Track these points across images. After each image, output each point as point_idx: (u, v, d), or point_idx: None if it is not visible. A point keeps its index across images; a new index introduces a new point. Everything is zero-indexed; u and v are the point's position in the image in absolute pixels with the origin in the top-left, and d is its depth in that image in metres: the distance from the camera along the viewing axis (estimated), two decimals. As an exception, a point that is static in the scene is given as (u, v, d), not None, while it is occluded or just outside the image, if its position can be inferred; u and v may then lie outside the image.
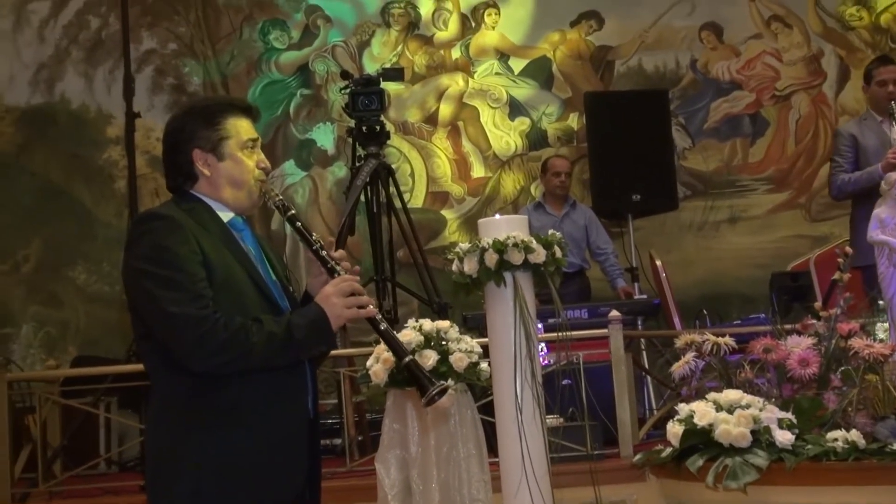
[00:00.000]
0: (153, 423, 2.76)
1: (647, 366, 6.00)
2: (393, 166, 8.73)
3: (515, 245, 3.70)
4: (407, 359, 2.86)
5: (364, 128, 5.18)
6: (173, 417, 2.64)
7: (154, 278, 2.57)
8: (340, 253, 2.84)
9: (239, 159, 2.76)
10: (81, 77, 8.76)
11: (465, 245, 3.78)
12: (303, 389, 2.78)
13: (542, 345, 5.01)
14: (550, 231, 3.85)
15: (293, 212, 2.83)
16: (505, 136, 8.93)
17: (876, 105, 5.77)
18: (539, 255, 3.72)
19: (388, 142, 5.67)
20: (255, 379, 2.63)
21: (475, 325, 5.37)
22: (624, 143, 7.52)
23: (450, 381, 3.77)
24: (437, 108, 9.00)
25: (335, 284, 2.71)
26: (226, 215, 2.78)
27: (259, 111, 2.94)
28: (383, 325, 2.82)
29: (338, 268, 2.76)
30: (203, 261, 2.61)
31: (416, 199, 8.81)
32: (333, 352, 4.45)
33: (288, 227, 7.94)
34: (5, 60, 8.69)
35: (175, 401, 2.64)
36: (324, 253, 2.78)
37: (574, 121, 8.79)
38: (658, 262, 6.95)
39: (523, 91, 8.98)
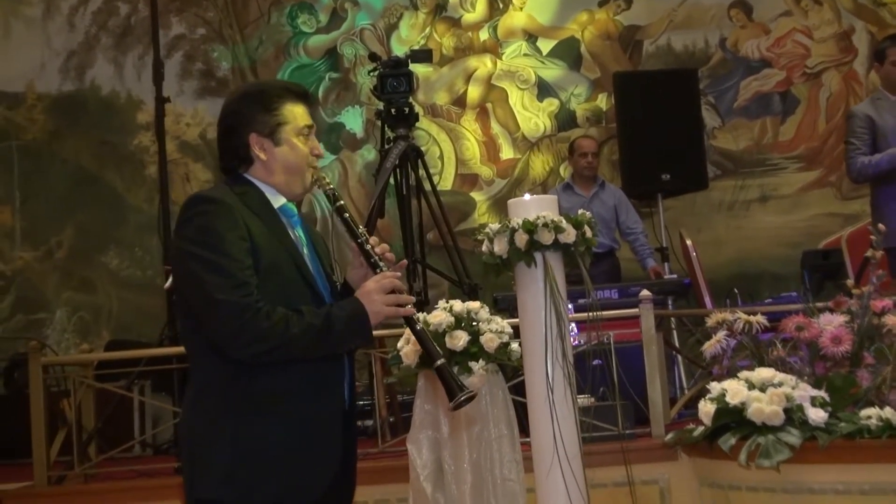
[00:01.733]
0: (190, 407, 2.74)
1: (677, 345, 5.97)
2: (422, 149, 8.82)
3: (545, 225, 3.69)
4: (439, 362, 2.83)
5: (393, 110, 5.17)
6: (210, 402, 2.64)
7: (201, 261, 2.57)
8: (384, 247, 2.82)
9: (295, 145, 2.75)
10: (111, 63, 8.81)
11: (494, 226, 3.78)
12: (340, 380, 2.77)
13: (573, 325, 5.00)
14: (580, 210, 3.84)
15: (342, 202, 2.82)
16: (534, 117, 8.92)
17: (889, 84, 5.70)
18: (569, 234, 3.70)
19: (417, 124, 5.67)
20: (293, 368, 2.62)
21: (506, 306, 5.36)
22: (653, 123, 7.48)
23: (479, 371, 3.81)
24: (466, 91, 8.99)
25: (377, 280, 2.70)
26: (277, 201, 2.77)
27: (314, 98, 2.93)
28: (419, 326, 2.82)
29: (381, 263, 2.75)
30: (250, 247, 2.60)
31: (446, 182, 8.81)
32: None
33: (323, 211, 8.05)
34: (36, 48, 8.75)
35: (213, 385, 2.65)
36: (368, 247, 2.77)
37: (603, 101, 8.76)
38: (688, 242, 6.90)
39: (552, 72, 8.96)
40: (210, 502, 2.59)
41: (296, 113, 2.78)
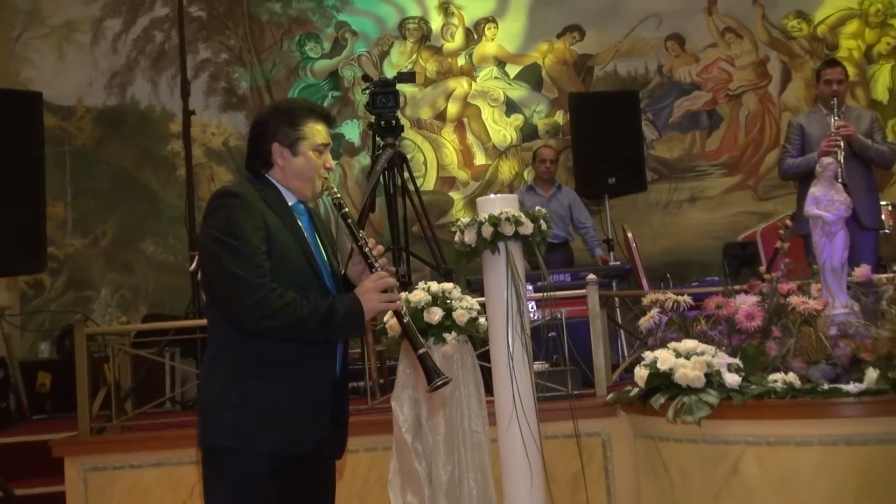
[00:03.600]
0: (206, 371, 2.72)
1: (619, 320, 5.97)
2: (408, 156, 8.77)
3: (507, 219, 3.68)
4: (421, 350, 2.81)
5: (382, 122, 5.14)
6: (223, 367, 2.64)
7: (223, 245, 2.56)
8: (379, 249, 2.80)
9: (310, 158, 2.73)
10: (148, 82, 8.75)
11: (465, 220, 3.77)
12: (333, 354, 2.76)
13: (532, 303, 4.99)
14: (537, 207, 3.84)
15: (346, 210, 2.80)
16: (502, 130, 8.89)
17: (823, 100, 5.71)
18: (527, 227, 3.70)
19: (403, 134, 5.65)
20: (295, 342, 2.62)
21: (477, 287, 5.33)
22: (602, 136, 7.50)
23: (451, 341, 3.79)
24: (446, 107, 8.95)
25: (374, 280, 2.69)
26: (291, 199, 2.76)
27: (335, 120, 2.92)
28: (406, 319, 2.81)
29: (377, 264, 2.73)
30: (266, 237, 2.59)
31: (428, 183, 8.79)
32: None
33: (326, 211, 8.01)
34: (85, 69, 8.68)
35: (226, 352, 2.64)
36: (367, 250, 2.75)
37: (560, 117, 8.73)
38: (629, 235, 6.91)
39: (517, 92, 8.93)
40: (220, 449, 2.59)
41: (315, 131, 2.75)
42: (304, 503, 2.72)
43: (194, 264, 5.45)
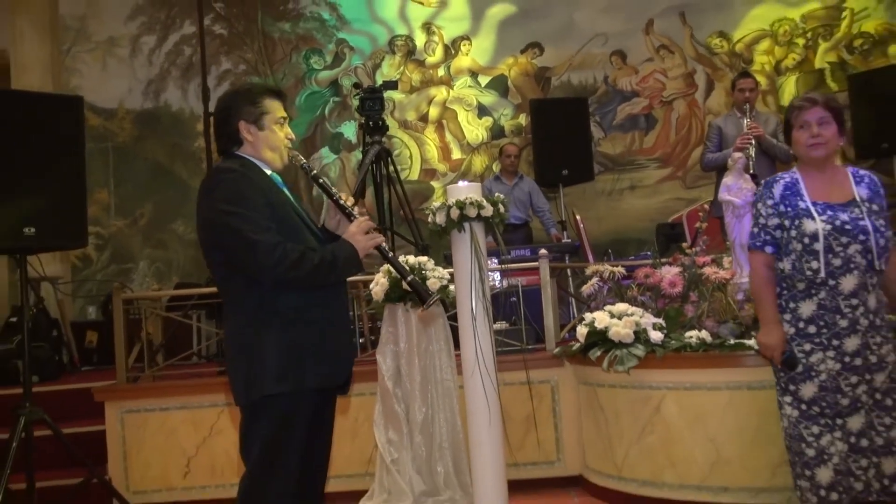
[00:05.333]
0: (233, 326, 2.51)
1: (571, 288, 5.97)
2: (396, 151, 8.77)
3: (471, 203, 3.67)
4: (409, 277, 2.76)
5: (370, 123, 5.10)
6: (250, 321, 2.44)
7: (236, 216, 2.38)
8: (351, 200, 2.67)
9: (274, 130, 2.58)
10: (178, 89, 8.66)
11: (436, 204, 3.75)
12: (345, 294, 2.68)
13: (497, 273, 4.99)
14: (497, 194, 3.83)
15: (315, 172, 2.66)
16: (475, 129, 8.84)
17: (738, 106, 5.71)
18: (488, 210, 3.68)
19: (390, 133, 5.59)
20: (312, 291, 2.49)
21: (451, 261, 5.34)
22: (557, 135, 7.45)
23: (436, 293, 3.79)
24: (428, 111, 8.89)
25: (357, 225, 2.56)
26: (266, 170, 2.58)
27: (286, 96, 2.73)
28: (390, 254, 2.71)
29: (354, 212, 2.61)
30: (266, 202, 2.44)
31: (413, 174, 8.74)
32: (350, 278, 4.44)
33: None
34: (124, 78, 8.59)
35: (248, 309, 2.45)
36: (342, 202, 2.62)
37: (523, 119, 8.69)
38: (578, 217, 6.91)
39: (488, 98, 8.88)
40: (272, 396, 2.41)
41: (274, 106, 2.60)
42: (321, 434, 2.62)
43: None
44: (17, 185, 3.87)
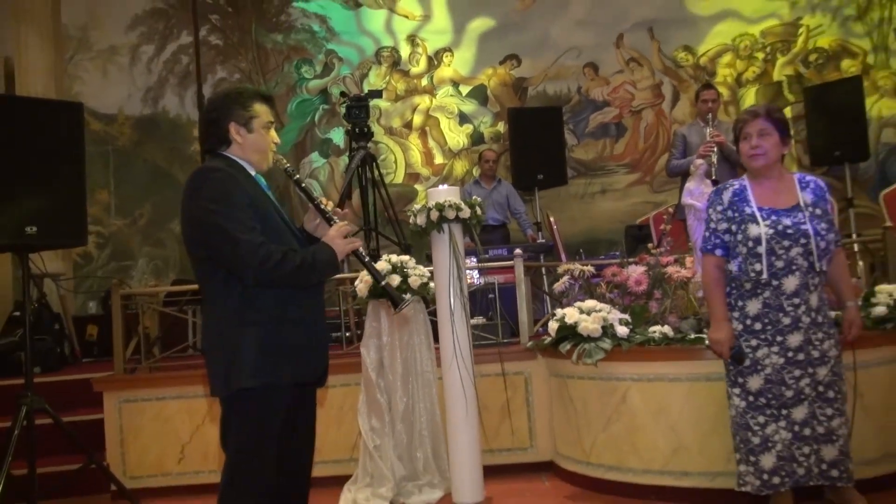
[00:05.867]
0: (213, 321, 2.46)
1: (545, 286, 5.98)
2: (381, 156, 8.75)
3: (450, 206, 3.69)
4: (383, 282, 2.77)
5: (356, 129, 5.08)
6: (230, 316, 2.40)
7: (222, 215, 2.33)
8: (330, 204, 2.63)
9: (262, 134, 2.53)
10: (176, 96, 8.59)
11: (417, 206, 3.77)
12: (321, 294, 2.64)
13: (476, 271, 5.00)
14: (475, 197, 3.85)
15: (298, 176, 2.63)
16: (456, 136, 8.85)
17: (701, 115, 5.74)
18: (465, 212, 3.70)
19: (374, 139, 5.57)
20: (290, 290, 2.45)
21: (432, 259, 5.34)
22: (533, 142, 7.46)
23: (408, 296, 3.80)
24: (412, 118, 8.89)
25: (336, 229, 2.53)
26: (251, 171, 2.53)
27: (274, 100, 2.66)
28: (367, 258, 2.70)
29: (334, 217, 2.57)
30: (250, 203, 2.40)
31: (398, 178, 8.73)
32: (337, 276, 4.42)
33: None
34: (125, 85, 8.52)
35: (228, 305, 2.40)
36: (323, 206, 2.59)
37: (501, 126, 8.70)
38: (552, 219, 6.92)
39: (468, 107, 8.88)
40: (249, 389, 2.38)
41: (263, 110, 2.55)
42: (301, 426, 2.60)
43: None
44: (20, 187, 3.84)
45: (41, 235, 3.84)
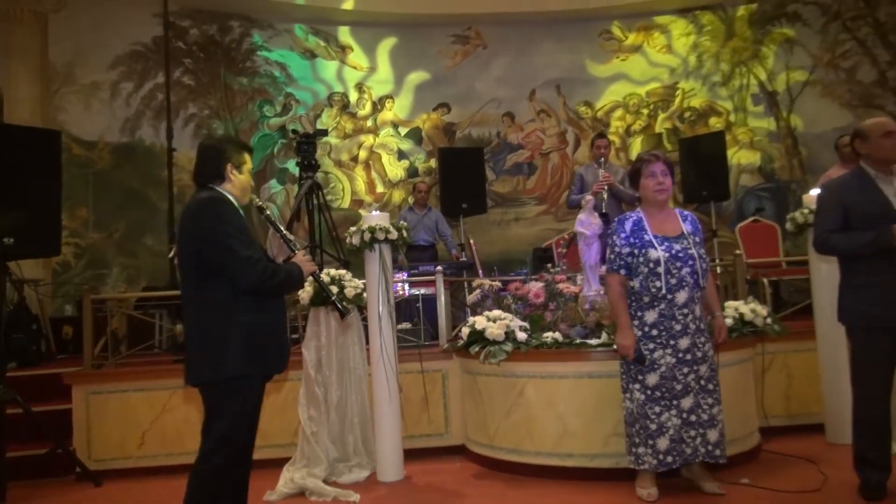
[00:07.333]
0: (202, 319, 2.46)
1: (466, 297, 5.99)
2: (330, 185, 8.71)
3: (380, 229, 3.70)
4: (333, 298, 2.94)
5: (305, 162, 5.04)
6: (220, 316, 2.43)
7: (226, 235, 2.41)
8: (293, 236, 2.75)
9: (248, 176, 2.65)
10: (151, 127, 8.34)
11: (353, 229, 3.77)
12: (283, 305, 2.69)
13: (406, 284, 5.01)
14: (401, 222, 3.87)
15: (269, 212, 2.74)
16: (395, 169, 8.89)
17: (595, 159, 5.88)
18: (393, 234, 3.72)
19: (322, 170, 5.54)
20: (264, 296, 2.50)
21: (368, 273, 5.30)
22: (459, 176, 7.54)
23: (352, 307, 3.80)
24: (358, 153, 8.89)
25: (302, 255, 2.68)
26: (236, 204, 2.60)
27: (252, 150, 2.77)
28: (321, 279, 2.87)
29: (297, 247, 2.70)
30: (243, 228, 2.49)
31: (345, 203, 8.70)
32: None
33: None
34: (105, 116, 8.23)
35: (218, 307, 2.43)
36: (288, 237, 2.72)
37: (433, 163, 8.76)
38: (472, 241, 6.97)
39: (406, 145, 8.94)
40: (240, 378, 2.43)
41: (248, 158, 2.67)
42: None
43: (173, 252, 5.26)
44: (1, 202, 3.70)
45: (18, 245, 3.70)
